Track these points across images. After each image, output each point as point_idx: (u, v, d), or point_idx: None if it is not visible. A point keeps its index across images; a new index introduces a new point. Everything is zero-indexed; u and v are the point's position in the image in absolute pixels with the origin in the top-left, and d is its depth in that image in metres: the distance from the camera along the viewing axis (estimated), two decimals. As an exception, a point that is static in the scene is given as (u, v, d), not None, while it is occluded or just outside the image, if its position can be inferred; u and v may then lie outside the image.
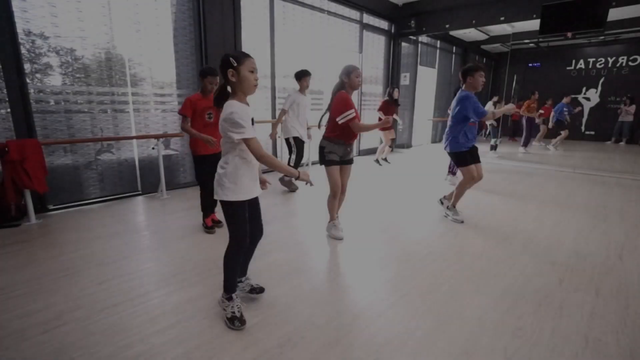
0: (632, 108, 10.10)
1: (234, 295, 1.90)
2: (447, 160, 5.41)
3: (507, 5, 6.73)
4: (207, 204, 3.24)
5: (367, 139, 8.22)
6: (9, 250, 2.77)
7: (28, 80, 3.51)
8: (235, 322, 1.83)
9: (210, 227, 3.23)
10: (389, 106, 6.30)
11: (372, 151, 7.89)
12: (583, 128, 11.70)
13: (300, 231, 3.31)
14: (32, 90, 3.56)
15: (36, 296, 2.12)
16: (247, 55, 1.72)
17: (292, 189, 4.71)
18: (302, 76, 4.48)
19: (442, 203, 3.79)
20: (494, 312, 2.01)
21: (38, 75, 3.64)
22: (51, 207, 3.78)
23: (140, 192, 4.49)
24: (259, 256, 2.69)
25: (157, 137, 4.23)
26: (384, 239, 3.15)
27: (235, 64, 1.67)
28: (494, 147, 7.90)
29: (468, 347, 1.71)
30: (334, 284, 2.32)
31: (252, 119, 1.74)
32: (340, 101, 2.75)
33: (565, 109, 8.76)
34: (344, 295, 2.18)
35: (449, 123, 3.50)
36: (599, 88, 11.27)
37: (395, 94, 6.31)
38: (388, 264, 2.62)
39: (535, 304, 2.09)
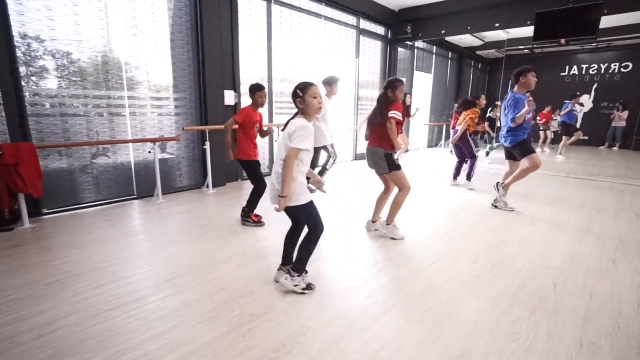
0: (625, 114, 10.24)
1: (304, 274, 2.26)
2: (450, 165, 5.46)
3: (501, 12, 6.83)
4: (257, 202, 3.55)
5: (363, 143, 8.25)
6: (2, 255, 2.74)
7: (23, 83, 3.50)
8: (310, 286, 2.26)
9: (258, 221, 3.52)
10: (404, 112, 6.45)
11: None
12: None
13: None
14: (27, 94, 3.54)
15: (29, 301, 2.10)
16: (311, 84, 2.08)
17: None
18: (333, 82, 4.54)
19: (497, 190, 4.18)
20: (489, 315, 2.02)
21: (33, 79, 3.62)
22: (45, 211, 3.75)
23: (135, 196, 4.47)
24: (255, 261, 2.70)
25: (153, 140, 4.22)
26: (380, 243, 3.15)
27: (301, 94, 2.06)
28: (487, 153, 8.01)
29: (464, 350, 1.72)
30: (330, 289, 2.32)
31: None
32: (397, 106, 3.05)
33: (573, 110, 8.44)
34: (340, 299, 2.18)
35: (504, 122, 3.87)
36: (592, 94, 11.41)
37: (407, 100, 6.46)
38: (384, 268, 2.63)
39: (530, 308, 2.10)
